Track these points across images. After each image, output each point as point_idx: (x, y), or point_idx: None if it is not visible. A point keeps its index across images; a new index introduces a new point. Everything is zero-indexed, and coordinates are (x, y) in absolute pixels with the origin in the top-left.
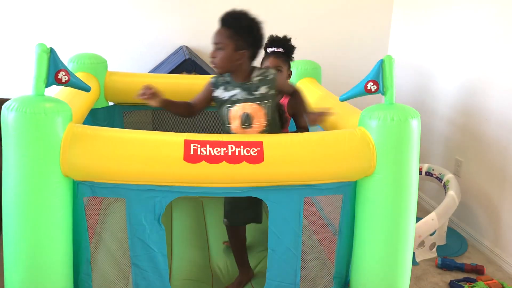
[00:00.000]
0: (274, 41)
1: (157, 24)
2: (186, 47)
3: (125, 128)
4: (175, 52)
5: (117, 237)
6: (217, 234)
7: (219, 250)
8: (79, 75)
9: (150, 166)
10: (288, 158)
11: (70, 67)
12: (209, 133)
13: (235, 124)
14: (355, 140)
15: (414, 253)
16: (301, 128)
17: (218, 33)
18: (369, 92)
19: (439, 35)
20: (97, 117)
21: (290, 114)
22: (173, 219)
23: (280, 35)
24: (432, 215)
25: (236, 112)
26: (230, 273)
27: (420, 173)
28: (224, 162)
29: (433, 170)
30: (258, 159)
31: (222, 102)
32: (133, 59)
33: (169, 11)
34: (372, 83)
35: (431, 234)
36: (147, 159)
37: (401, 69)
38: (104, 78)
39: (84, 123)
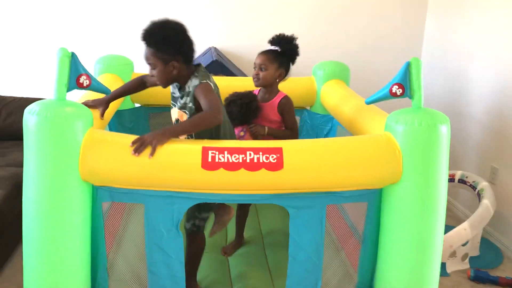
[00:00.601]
0: (273, 39)
1: (187, 25)
2: (215, 48)
3: (151, 130)
4: (204, 53)
5: (136, 243)
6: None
7: (238, 259)
8: (105, 76)
9: (168, 172)
10: (309, 164)
11: (96, 68)
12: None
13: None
14: (381, 145)
15: (445, 264)
16: (287, 128)
17: (145, 54)
18: (394, 95)
19: (475, 36)
20: (122, 118)
21: (280, 113)
22: None
23: (308, 35)
24: (465, 224)
25: (173, 113)
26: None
27: (453, 180)
28: (242, 169)
29: (466, 177)
30: (277, 166)
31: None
32: None
33: (198, 12)
34: (397, 86)
35: (464, 245)
36: (165, 165)
37: (435, 72)
38: (130, 79)
39: (109, 125)
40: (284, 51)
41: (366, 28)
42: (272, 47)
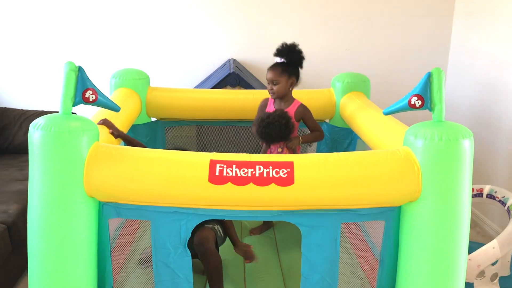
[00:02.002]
0: (278, 51)
1: (205, 37)
2: (234, 60)
3: (168, 143)
4: (223, 65)
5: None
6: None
7: (256, 276)
8: (121, 91)
9: (174, 187)
10: (321, 180)
11: (112, 83)
12: (252, 149)
13: None
14: (398, 161)
15: (472, 284)
16: (314, 131)
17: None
18: (413, 107)
19: (504, 45)
20: (138, 133)
21: (297, 120)
22: None
23: (329, 46)
24: (493, 243)
25: None
26: None
27: (481, 195)
28: (251, 184)
29: (495, 192)
30: (288, 181)
31: None
32: (181, 73)
33: (217, 23)
34: (416, 98)
35: (493, 264)
36: (171, 180)
37: (462, 82)
38: (146, 93)
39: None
40: (290, 60)
41: (389, 39)
42: (278, 59)
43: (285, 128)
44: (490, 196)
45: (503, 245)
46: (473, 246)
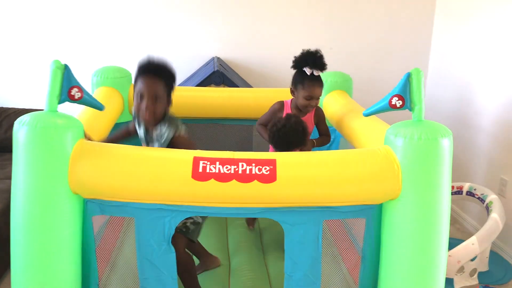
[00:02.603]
0: (316, 63)
1: (189, 35)
2: (218, 58)
3: None
4: (207, 63)
5: (129, 259)
6: (241, 256)
7: (240, 273)
8: (103, 89)
9: (158, 183)
10: (303, 178)
11: (94, 81)
12: (237, 147)
13: None
14: (378, 159)
15: (452, 280)
16: (323, 135)
17: (154, 86)
18: (394, 107)
19: (484, 46)
20: None
21: (315, 123)
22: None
23: (313, 45)
24: (473, 239)
25: None
26: None
27: (461, 193)
28: (234, 180)
29: (475, 190)
30: (270, 178)
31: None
32: None
33: (201, 21)
34: (397, 98)
35: (472, 260)
36: (155, 176)
37: (443, 82)
38: (128, 91)
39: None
40: (323, 68)
41: (372, 38)
42: (315, 72)
43: (302, 134)
44: (470, 193)
45: (482, 241)
46: (453, 243)
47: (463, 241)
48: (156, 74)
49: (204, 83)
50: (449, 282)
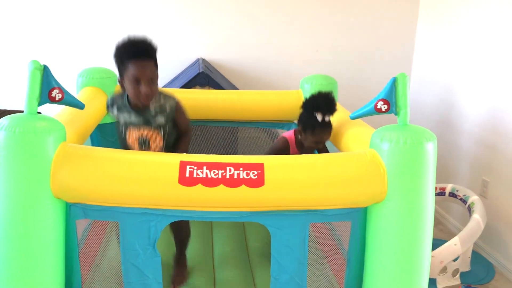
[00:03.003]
0: (327, 109)
1: (174, 36)
2: (203, 59)
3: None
4: (192, 65)
5: (113, 263)
6: (225, 258)
7: (225, 276)
8: (87, 89)
9: (144, 188)
10: (290, 182)
11: (79, 82)
12: (222, 150)
13: (133, 144)
14: (365, 163)
15: (435, 280)
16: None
17: (147, 68)
18: (379, 111)
19: (467, 51)
20: (105, 132)
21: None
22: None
23: (299, 47)
24: (455, 240)
25: (133, 134)
26: None
27: (444, 194)
28: (221, 185)
29: (457, 191)
30: (258, 182)
31: (119, 123)
32: None
33: (186, 22)
34: (382, 102)
35: (454, 260)
36: (141, 181)
37: (426, 86)
38: (113, 92)
39: (92, 139)
40: (332, 113)
41: (356, 41)
42: (326, 118)
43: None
44: (452, 194)
45: (464, 242)
46: (436, 243)
47: (446, 242)
48: (147, 56)
49: (189, 84)
50: (432, 282)
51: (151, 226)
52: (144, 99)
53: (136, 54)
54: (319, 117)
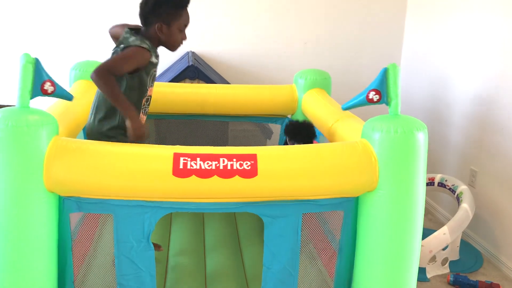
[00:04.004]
0: (295, 133)
1: None
2: (193, 52)
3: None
4: (181, 58)
5: (106, 256)
6: (217, 252)
7: (218, 270)
8: (81, 83)
9: (137, 180)
10: (283, 172)
11: (72, 75)
12: (212, 143)
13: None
14: (356, 153)
15: (425, 269)
16: None
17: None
18: (371, 102)
19: (454, 42)
20: None
21: None
22: (172, 232)
23: (288, 40)
24: (444, 229)
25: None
26: None
27: (433, 184)
28: (215, 176)
29: (446, 181)
30: (251, 173)
31: (154, 66)
32: None
33: None
34: (374, 93)
35: (443, 249)
36: (134, 173)
37: (415, 77)
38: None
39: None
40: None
41: (345, 33)
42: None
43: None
44: (441, 184)
45: (453, 231)
46: (425, 233)
47: (435, 231)
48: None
49: (178, 78)
50: (421, 272)
51: (145, 219)
52: (179, 45)
53: (188, 3)
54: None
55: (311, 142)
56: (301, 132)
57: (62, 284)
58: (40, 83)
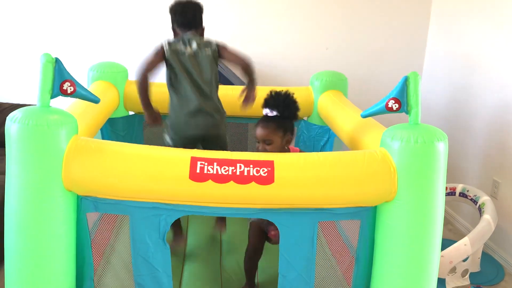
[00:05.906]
0: (267, 102)
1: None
2: None
3: (146, 138)
4: None
5: (123, 256)
6: (232, 254)
7: (233, 272)
8: (99, 83)
9: (154, 183)
10: (300, 179)
11: (90, 75)
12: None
13: None
14: (375, 162)
15: (444, 280)
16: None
17: None
18: (390, 110)
19: (477, 50)
20: (116, 126)
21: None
22: (188, 235)
23: (309, 44)
24: (465, 240)
25: None
26: None
27: (454, 194)
28: (231, 182)
29: (467, 191)
30: (268, 180)
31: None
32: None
33: None
34: (393, 101)
35: (464, 260)
36: (151, 176)
37: (437, 84)
38: (124, 87)
39: (102, 132)
40: (283, 113)
41: (367, 39)
42: (268, 111)
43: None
44: (463, 194)
45: (474, 242)
46: (445, 243)
47: (456, 242)
48: None
49: None
50: (441, 282)
51: (161, 220)
52: None
53: None
54: (264, 111)
55: (293, 113)
56: (281, 103)
57: (81, 281)
58: (59, 83)
